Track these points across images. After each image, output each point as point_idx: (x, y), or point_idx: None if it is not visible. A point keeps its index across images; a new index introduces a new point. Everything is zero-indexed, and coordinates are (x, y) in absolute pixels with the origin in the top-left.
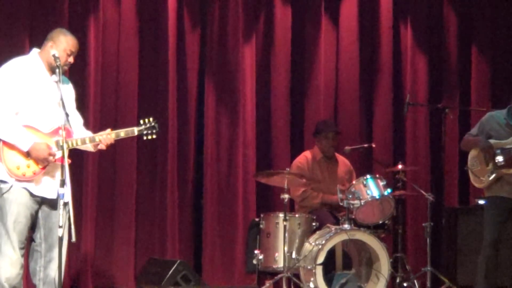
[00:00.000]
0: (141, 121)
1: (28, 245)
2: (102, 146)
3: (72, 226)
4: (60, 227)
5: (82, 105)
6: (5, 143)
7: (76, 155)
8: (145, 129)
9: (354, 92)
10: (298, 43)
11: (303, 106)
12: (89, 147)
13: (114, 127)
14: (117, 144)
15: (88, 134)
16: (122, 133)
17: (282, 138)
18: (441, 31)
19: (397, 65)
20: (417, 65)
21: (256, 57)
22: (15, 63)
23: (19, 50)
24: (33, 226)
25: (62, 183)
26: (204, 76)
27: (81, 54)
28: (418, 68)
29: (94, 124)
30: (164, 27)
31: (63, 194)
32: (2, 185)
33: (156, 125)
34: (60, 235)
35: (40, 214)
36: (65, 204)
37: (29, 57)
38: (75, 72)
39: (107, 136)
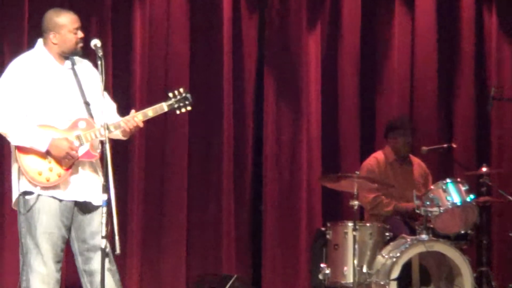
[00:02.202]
0: (170, 94)
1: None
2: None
3: (116, 237)
4: (103, 237)
5: (127, 105)
6: (20, 150)
7: (119, 158)
8: (176, 102)
9: (432, 86)
10: (368, 31)
11: (374, 102)
12: (119, 135)
13: (164, 127)
14: (166, 144)
15: (118, 119)
16: (150, 112)
17: (351, 138)
18: None
19: (481, 55)
20: (503, 55)
21: (321, 47)
22: (21, 61)
23: None
24: None
25: (105, 188)
26: (263, 68)
27: (126, 46)
28: (504, 58)
29: None
30: (218, 12)
31: (105, 201)
32: (28, 197)
33: (188, 95)
34: (103, 247)
35: (71, 224)
36: (108, 205)
37: (35, 50)
38: (119, 66)
39: (133, 119)
